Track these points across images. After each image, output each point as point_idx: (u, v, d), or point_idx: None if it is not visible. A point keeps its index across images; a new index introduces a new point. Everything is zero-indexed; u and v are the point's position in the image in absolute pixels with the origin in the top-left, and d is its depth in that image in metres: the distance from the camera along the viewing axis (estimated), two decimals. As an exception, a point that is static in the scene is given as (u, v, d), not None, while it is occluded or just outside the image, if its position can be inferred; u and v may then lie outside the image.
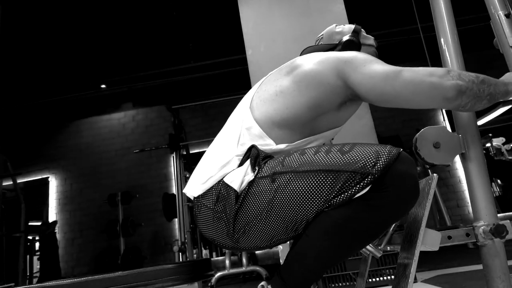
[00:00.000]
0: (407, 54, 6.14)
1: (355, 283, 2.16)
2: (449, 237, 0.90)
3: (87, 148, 6.33)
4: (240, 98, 1.17)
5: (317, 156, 0.84)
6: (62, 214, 6.06)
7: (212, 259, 3.89)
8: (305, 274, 0.84)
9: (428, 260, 3.05)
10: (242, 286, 3.29)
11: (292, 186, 0.82)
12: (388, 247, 0.99)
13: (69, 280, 0.88)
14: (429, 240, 0.83)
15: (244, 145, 0.94)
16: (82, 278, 0.86)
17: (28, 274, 5.09)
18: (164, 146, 5.16)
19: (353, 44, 1.17)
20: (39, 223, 5.63)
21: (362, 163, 0.79)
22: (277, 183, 0.84)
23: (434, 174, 0.87)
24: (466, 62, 1.01)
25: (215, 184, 0.90)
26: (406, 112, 6.15)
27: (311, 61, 0.99)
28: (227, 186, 0.87)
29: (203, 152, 1.07)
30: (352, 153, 0.82)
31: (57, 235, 5.88)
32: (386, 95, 0.92)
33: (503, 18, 1.01)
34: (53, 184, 6.18)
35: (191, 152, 5.34)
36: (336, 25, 1.26)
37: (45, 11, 4.54)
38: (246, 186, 0.86)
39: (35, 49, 5.20)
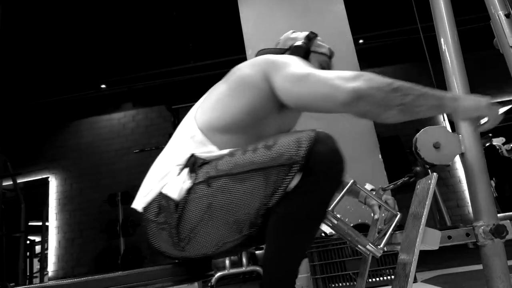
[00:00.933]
0: (407, 54, 6.14)
1: (355, 283, 2.16)
2: (449, 237, 0.90)
3: (87, 148, 6.33)
4: (240, 98, 1.17)
5: (246, 156, 0.85)
6: (62, 214, 6.05)
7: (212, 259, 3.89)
8: (280, 276, 0.85)
9: (428, 260, 3.05)
10: (242, 286, 3.29)
11: (227, 189, 0.84)
12: (385, 248, 0.99)
13: (69, 280, 0.88)
14: (429, 239, 0.83)
15: (187, 154, 0.94)
16: (82, 278, 0.86)
17: (28, 274, 5.10)
18: (164, 146, 5.15)
19: (301, 50, 1.18)
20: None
21: (287, 154, 0.81)
22: (213, 187, 0.85)
23: (434, 173, 0.87)
24: (466, 62, 1.01)
25: (156, 196, 0.90)
26: (406, 112, 6.15)
27: (245, 65, 1.02)
28: (166, 196, 0.88)
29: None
30: (277, 146, 0.83)
31: (57, 235, 5.89)
32: (301, 99, 0.92)
33: (503, 18, 1.01)
34: (53, 184, 6.18)
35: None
36: (293, 31, 1.28)
37: (45, 11, 4.54)
38: (185, 194, 0.87)
39: (35, 49, 5.20)
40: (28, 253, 5.19)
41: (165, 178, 0.91)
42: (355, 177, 1.23)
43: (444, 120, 4.64)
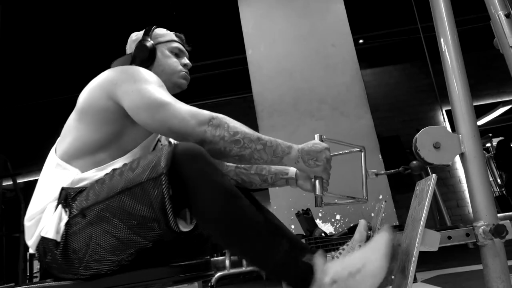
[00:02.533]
0: (407, 54, 6.14)
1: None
2: (449, 237, 0.90)
3: (87, 148, 6.32)
4: (240, 98, 1.18)
5: (113, 180, 0.86)
6: (62, 214, 6.05)
7: (212, 259, 3.89)
8: (265, 255, 0.84)
9: (428, 260, 3.05)
10: (242, 286, 3.29)
11: (104, 215, 0.84)
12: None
13: (69, 281, 0.88)
14: (429, 240, 0.83)
15: (56, 187, 0.94)
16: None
17: (28, 274, 5.09)
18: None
19: (144, 48, 1.16)
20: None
21: (151, 169, 0.82)
22: (88, 218, 0.85)
23: (433, 175, 0.87)
24: (466, 62, 1.01)
25: (38, 240, 0.91)
26: (406, 112, 6.16)
27: (85, 90, 1.03)
28: (46, 238, 0.88)
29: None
30: (140, 166, 0.84)
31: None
32: (151, 127, 0.93)
33: (503, 18, 1.01)
34: (53, 184, 6.17)
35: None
36: (134, 33, 1.26)
37: (45, 11, 4.54)
38: (64, 231, 0.87)
39: (35, 49, 5.20)
40: (28, 253, 5.18)
41: (42, 219, 0.92)
42: (355, 176, 1.23)
43: (444, 120, 4.64)
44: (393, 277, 0.81)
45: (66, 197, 0.90)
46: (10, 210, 4.53)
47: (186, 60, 1.24)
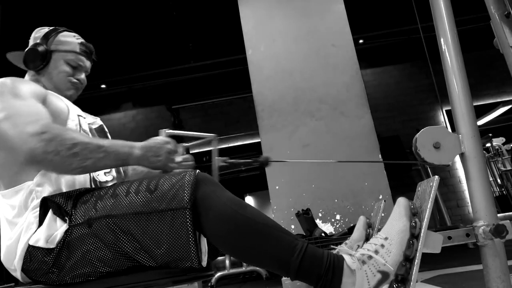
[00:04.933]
0: (407, 54, 6.14)
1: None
2: (449, 237, 0.90)
3: (87, 148, 6.32)
4: (240, 98, 1.18)
5: (128, 198, 0.85)
6: (62, 214, 6.05)
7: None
8: (275, 254, 0.81)
9: (428, 260, 3.05)
10: (242, 286, 3.29)
11: (111, 230, 0.83)
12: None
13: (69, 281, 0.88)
14: (431, 242, 0.83)
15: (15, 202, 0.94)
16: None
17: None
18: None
19: (35, 53, 1.12)
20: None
21: (171, 200, 0.82)
22: (94, 228, 0.84)
23: (436, 176, 0.86)
24: (466, 62, 1.01)
25: (24, 253, 0.89)
26: (406, 112, 6.15)
27: None
28: (37, 247, 0.87)
29: (203, 152, 1.08)
30: (159, 190, 0.84)
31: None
32: None
33: (503, 18, 1.01)
34: (53, 184, 6.17)
35: (191, 152, 5.34)
36: (39, 29, 1.20)
37: (45, 11, 4.53)
38: (61, 237, 0.86)
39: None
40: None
41: (25, 230, 0.90)
42: (355, 176, 1.23)
43: (444, 120, 4.64)
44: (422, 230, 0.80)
45: (59, 206, 0.89)
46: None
47: (81, 75, 1.21)
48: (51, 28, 1.19)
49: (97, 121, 1.26)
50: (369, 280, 0.76)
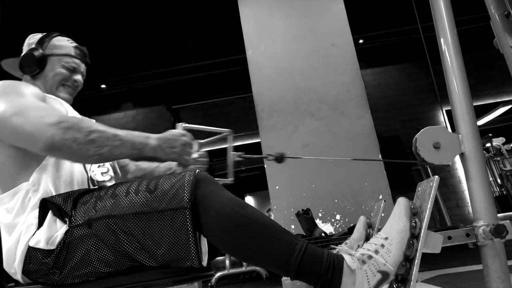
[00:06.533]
0: (407, 54, 6.14)
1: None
2: (449, 238, 0.90)
3: (87, 148, 6.32)
4: (240, 98, 1.18)
5: (128, 198, 0.85)
6: (62, 214, 6.05)
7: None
8: (275, 252, 0.81)
9: (428, 260, 3.05)
10: (242, 286, 3.29)
11: (111, 230, 0.83)
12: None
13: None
14: (431, 242, 0.83)
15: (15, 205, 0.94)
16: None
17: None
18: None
19: (30, 58, 1.13)
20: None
21: (171, 200, 0.82)
22: (95, 228, 0.84)
23: (436, 176, 0.86)
24: (466, 62, 1.01)
25: (24, 256, 0.89)
26: (406, 112, 6.16)
27: None
28: (37, 249, 0.87)
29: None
30: (159, 190, 0.84)
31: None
32: (5, 137, 0.93)
33: (503, 18, 1.01)
34: (53, 184, 6.16)
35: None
36: (32, 35, 1.22)
37: (45, 10, 4.53)
38: (62, 238, 0.86)
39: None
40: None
41: (24, 232, 0.90)
42: (355, 176, 1.23)
43: (444, 120, 4.64)
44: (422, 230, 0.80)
45: (59, 207, 0.89)
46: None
47: (77, 77, 1.23)
48: (44, 33, 1.21)
49: None
50: (369, 280, 0.76)
